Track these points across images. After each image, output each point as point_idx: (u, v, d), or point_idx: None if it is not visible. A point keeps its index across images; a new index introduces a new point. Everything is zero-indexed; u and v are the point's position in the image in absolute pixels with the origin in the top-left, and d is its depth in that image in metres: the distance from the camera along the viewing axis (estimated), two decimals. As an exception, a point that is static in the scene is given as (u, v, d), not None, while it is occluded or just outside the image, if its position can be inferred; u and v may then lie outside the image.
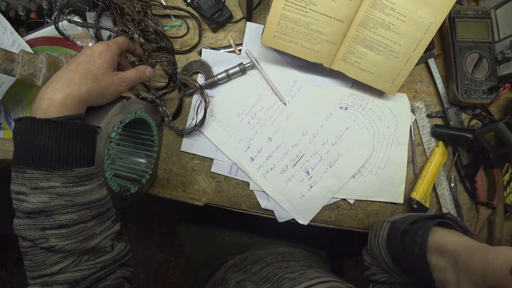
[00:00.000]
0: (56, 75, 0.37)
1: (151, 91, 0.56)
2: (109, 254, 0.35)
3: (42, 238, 0.31)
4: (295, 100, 0.56)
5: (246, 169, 0.56)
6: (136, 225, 1.48)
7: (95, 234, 0.34)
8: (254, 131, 0.57)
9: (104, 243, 0.35)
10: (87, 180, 0.34)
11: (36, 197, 0.31)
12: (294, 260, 0.56)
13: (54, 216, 0.31)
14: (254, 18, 0.57)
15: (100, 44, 0.41)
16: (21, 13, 0.58)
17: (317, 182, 0.56)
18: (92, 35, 0.57)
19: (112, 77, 0.41)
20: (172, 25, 0.58)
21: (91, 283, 0.33)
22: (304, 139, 0.56)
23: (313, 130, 0.56)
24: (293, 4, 0.47)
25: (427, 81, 0.57)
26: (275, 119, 0.56)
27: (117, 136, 0.45)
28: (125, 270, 0.38)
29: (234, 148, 0.57)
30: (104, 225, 0.36)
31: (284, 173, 0.56)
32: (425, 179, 0.53)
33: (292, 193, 0.56)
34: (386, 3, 0.46)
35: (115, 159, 0.58)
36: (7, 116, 0.64)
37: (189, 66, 0.57)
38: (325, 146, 0.56)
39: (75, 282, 0.32)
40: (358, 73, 0.51)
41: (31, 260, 0.32)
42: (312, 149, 0.56)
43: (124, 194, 0.50)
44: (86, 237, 0.33)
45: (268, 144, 0.56)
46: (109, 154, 0.44)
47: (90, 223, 0.34)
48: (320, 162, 0.56)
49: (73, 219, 0.32)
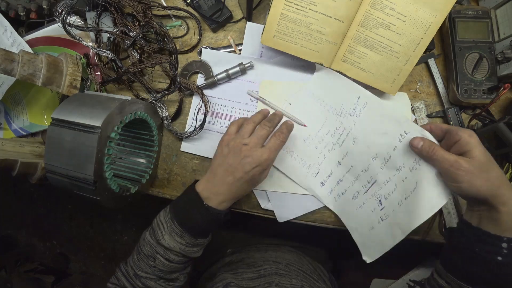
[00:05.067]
0: (232, 178, 0.43)
1: (152, 92, 0.56)
2: (177, 284, 0.48)
3: (152, 257, 0.44)
4: (360, 120, 0.50)
5: (318, 194, 0.54)
6: (136, 225, 1.48)
7: (178, 271, 0.47)
8: (322, 155, 0.54)
9: (179, 277, 0.48)
10: (200, 246, 0.47)
11: (169, 239, 0.44)
12: (287, 277, 0.55)
13: (168, 253, 0.44)
14: (254, 18, 0.57)
15: (270, 151, 0.44)
16: (21, 13, 0.58)
17: (389, 215, 0.46)
18: (92, 35, 0.57)
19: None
20: (172, 25, 0.58)
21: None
22: (375, 163, 0.48)
23: (384, 153, 0.47)
24: (293, 4, 0.47)
25: (427, 81, 0.57)
26: (342, 142, 0.52)
27: (117, 136, 0.45)
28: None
29: (303, 175, 0.55)
30: (185, 267, 0.48)
31: (356, 199, 0.51)
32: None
33: (362, 223, 0.50)
34: (386, 3, 0.46)
35: (115, 159, 0.58)
36: (7, 116, 0.64)
37: (189, 66, 0.57)
38: (401, 172, 0.45)
39: (149, 287, 0.45)
40: (358, 73, 0.51)
41: (138, 259, 0.46)
42: (386, 175, 0.47)
43: (124, 194, 0.50)
44: (173, 271, 0.46)
45: (337, 168, 0.53)
46: (109, 154, 0.44)
47: (182, 265, 0.46)
48: (394, 192, 0.46)
49: (176, 260, 0.45)
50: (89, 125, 0.43)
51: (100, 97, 0.49)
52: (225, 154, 0.44)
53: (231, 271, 0.58)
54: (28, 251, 1.54)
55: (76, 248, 1.53)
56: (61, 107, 0.47)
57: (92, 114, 0.44)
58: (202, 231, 0.45)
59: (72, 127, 0.44)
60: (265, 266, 0.58)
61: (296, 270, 0.60)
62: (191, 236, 0.44)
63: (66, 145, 0.44)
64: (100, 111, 0.44)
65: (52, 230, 1.56)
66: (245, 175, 0.43)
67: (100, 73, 0.57)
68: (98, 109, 0.44)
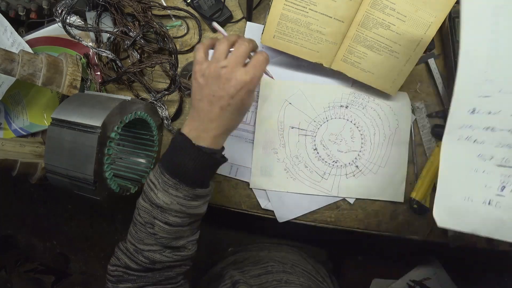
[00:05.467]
0: (218, 108, 0.38)
1: (152, 92, 0.56)
2: (186, 253, 0.43)
3: (150, 224, 0.39)
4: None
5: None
6: (136, 225, 1.48)
7: (183, 237, 0.42)
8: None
9: (187, 245, 0.43)
10: (200, 198, 0.41)
11: (163, 196, 0.38)
12: (295, 275, 0.55)
13: (166, 214, 0.39)
14: (254, 18, 0.57)
15: (255, 69, 0.38)
16: (21, 13, 0.58)
17: None
18: (92, 35, 0.57)
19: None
20: (172, 25, 0.58)
21: (163, 267, 0.41)
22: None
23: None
24: (293, 4, 0.46)
25: (427, 81, 0.57)
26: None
27: (117, 136, 0.45)
28: (185, 267, 0.44)
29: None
30: (192, 232, 0.43)
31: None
32: (425, 179, 0.53)
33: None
34: (386, 3, 0.46)
35: (115, 159, 0.58)
36: (7, 116, 0.64)
37: (189, 66, 0.57)
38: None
39: (154, 261, 0.40)
40: (358, 73, 0.51)
41: (135, 231, 0.41)
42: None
43: (124, 194, 0.50)
44: (177, 237, 0.41)
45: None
46: (109, 154, 0.44)
47: (185, 228, 0.41)
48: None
49: (177, 222, 0.39)
50: (89, 125, 0.43)
51: (100, 97, 0.49)
52: (203, 84, 0.38)
53: (237, 269, 0.57)
54: (28, 251, 1.54)
55: (76, 248, 1.53)
56: (61, 107, 0.47)
57: (92, 114, 0.44)
58: (198, 178, 0.40)
59: (72, 127, 0.44)
60: (272, 263, 0.58)
61: (301, 271, 0.60)
62: (187, 186, 0.38)
63: (66, 145, 0.44)
64: (100, 111, 0.44)
65: (52, 230, 1.56)
66: (232, 101, 0.38)
67: (100, 73, 0.57)
68: (98, 109, 0.44)
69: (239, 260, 0.65)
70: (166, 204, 0.38)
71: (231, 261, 0.66)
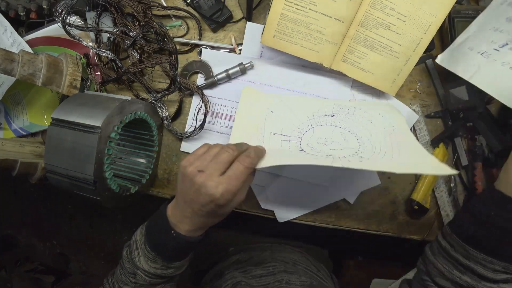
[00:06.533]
0: (191, 209, 0.37)
1: (152, 92, 0.56)
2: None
3: (133, 274, 0.42)
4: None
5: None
6: (136, 225, 1.48)
7: (162, 283, 0.44)
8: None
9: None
10: (177, 268, 0.43)
11: (144, 262, 0.41)
12: (296, 274, 0.55)
13: (146, 273, 0.41)
14: (254, 18, 0.57)
15: (230, 181, 0.36)
16: (21, 13, 0.58)
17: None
18: (92, 36, 0.57)
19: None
20: (172, 25, 0.58)
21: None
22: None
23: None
24: (293, 4, 0.47)
25: (427, 81, 0.57)
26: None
27: (117, 136, 0.45)
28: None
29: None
30: (171, 280, 0.45)
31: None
32: (425, 180, 0.53)
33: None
34: (386, 3, 0.46)
35: (115, 159, 0.58)
36: (7, 116, 0.64)
37: (189, 66, 0.57)
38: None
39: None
40: (358, 73, 0.51)
41: (120, 274, 0.43)
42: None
43: (124, 194, 0.50)
44: (156, 284, 0.43)
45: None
46: (109, 154, 0.44)
47: (164, 280, 0.43)
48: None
49: (155, 279, 0.42)
50: (89, 125, 0.43)
51: (100, 97, 0.49)
52: (181, 180, 0.38)
53: (239, 269, 0.57)
54: (28, 251, 1.54)
55: (76, 248, 1.53)
56: (61, 107, 0.47)
57: (92, 114, 0.44)
58: (175, 255, 0.42)
59: (72, 127, 0.44)
60: (274, 263, 0.58)
61: (303, 269, 0.60)
62: (163, 260, 0.41)
63: (66, 145, 0.44)
64: (100, 111, 0.44)
65: (52, 230, 1.56)
66: (203, 209, 0.36)
67: (100, 73, 0.57)
68: (98, 109, 0.44)
69: (242, 259, 0.65)
70: (144, 269, 0.41)
71: (234, 260, 0.66)
